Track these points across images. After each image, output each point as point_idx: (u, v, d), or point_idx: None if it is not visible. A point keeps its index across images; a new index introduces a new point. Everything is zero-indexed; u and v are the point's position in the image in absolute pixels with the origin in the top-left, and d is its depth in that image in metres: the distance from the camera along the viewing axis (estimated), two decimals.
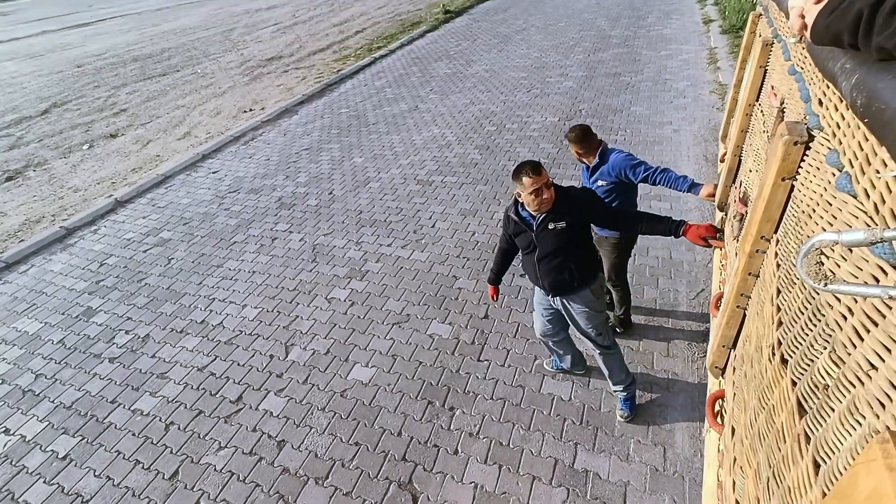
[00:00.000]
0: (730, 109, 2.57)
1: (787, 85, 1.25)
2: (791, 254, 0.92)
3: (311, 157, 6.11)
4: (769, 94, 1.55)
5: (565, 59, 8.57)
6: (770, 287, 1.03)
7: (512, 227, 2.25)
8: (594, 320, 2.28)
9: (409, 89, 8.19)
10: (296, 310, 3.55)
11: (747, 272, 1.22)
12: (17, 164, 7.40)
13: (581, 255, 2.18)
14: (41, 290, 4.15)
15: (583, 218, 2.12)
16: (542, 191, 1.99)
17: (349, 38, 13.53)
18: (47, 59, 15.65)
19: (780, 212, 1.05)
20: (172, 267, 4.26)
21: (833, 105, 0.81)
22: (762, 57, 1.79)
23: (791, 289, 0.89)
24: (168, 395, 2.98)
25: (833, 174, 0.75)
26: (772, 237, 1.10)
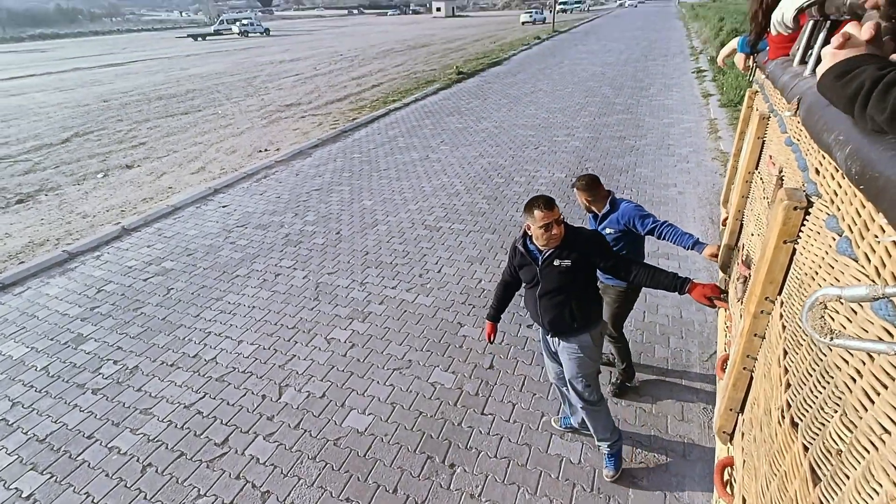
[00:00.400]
0: (730, 176, 2.67)
1: (784, 155, 1.30)
2: (796, 315, 0.93)
3: (321, 198, 6.19)
4: (768, 163, 1.60)
5: (572, 120, 8.95)
6: (777, 348, 1.03)
7: (518, 258, 2.23)
8: (585, 369, 2.20)
9: (421, 140, 8.47)
10: (293, 349, 3.42)
11: (753, 333, 1.22)
12: (30, 188, 7.50)
13: (584, 297, 2.15)
14: (33, 314, 4.04)
15: (590, 259, 2.10)
16: (552, 226, 1.99)
17: (366, 91, 14.22)
18: (76, 92, 16.36)
19: (783, 274, 1.07)
20: (171, 297, 4.17)
21: (829, 174, 0.84)
22: (760, 129, 1.86)
23: (798, 350, 0.88)
24: (150, 433, 2.79)
25: (833, 238, 0.77)
26: (776, 298, 1.11)
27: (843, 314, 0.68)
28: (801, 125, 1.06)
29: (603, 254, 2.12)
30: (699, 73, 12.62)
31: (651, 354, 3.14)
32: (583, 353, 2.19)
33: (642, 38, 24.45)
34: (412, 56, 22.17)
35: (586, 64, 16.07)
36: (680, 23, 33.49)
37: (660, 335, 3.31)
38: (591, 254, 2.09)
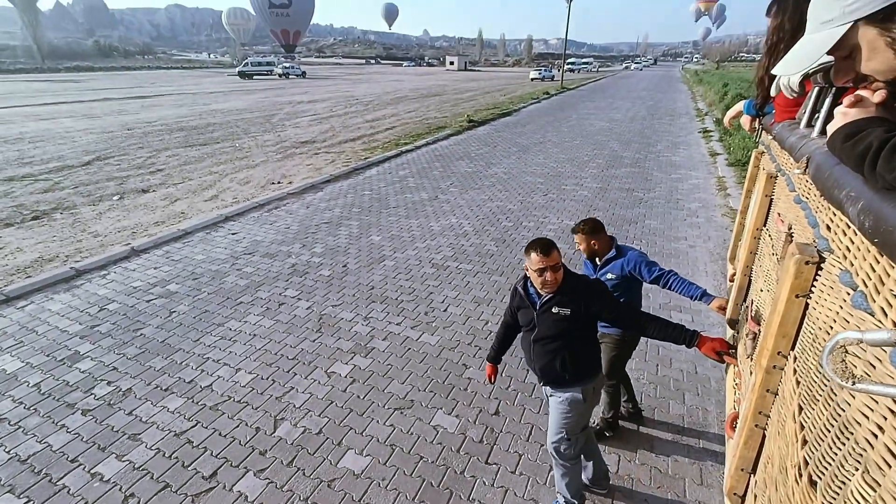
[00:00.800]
0: (737, 233, 2.67)
1: (793, 212, 1.32)
2: (811, 370, 0.91)
3: (329, 231, 6.25)
4: (776, 220, 1.61)
5: (580, 171, 9.16)
6: (791, 404, 1.01)
7: (517, 300, 2.18)
8: (570, 424, 2.09)
9: (431, 181, 8.66)
10: (292, 380, 3.32)
11: (765, 388, 1.19)
12: (46, 206, 7.62)
13: (580, 349, 2.06)
14: (32, 328, 3.97)
15: (591, 309, 2.01)
16: (547, 272, 1.93)
17: (379, 133, 14.72)
18: (102, 120, 17.02)
19: (795, 328, 1.06)
20: (172, 320, 4.12)
21: (841, 230, 0.85)
22: (767, 187, 1.88)
23: (815, 405, 0.86)
24: (136, 460, 2.66)
25: (848, 293, 0.76)
26: (789, 353, 1.10)
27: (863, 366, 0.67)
28: (810, 183, 1.09)
29: (606, 304, 2.05)
30: (705, 132, 13.05)
31: (665, 410, 3.02)
32: (571, 410, 2.07)
33: (648, 98, 25.52)
34: (425, 104, 23.13)
35: (594, 119, 16.69)
36: (684, 86, 35.07)
37: (674, 390, 3.20)
38: (592, 304, 2.01)
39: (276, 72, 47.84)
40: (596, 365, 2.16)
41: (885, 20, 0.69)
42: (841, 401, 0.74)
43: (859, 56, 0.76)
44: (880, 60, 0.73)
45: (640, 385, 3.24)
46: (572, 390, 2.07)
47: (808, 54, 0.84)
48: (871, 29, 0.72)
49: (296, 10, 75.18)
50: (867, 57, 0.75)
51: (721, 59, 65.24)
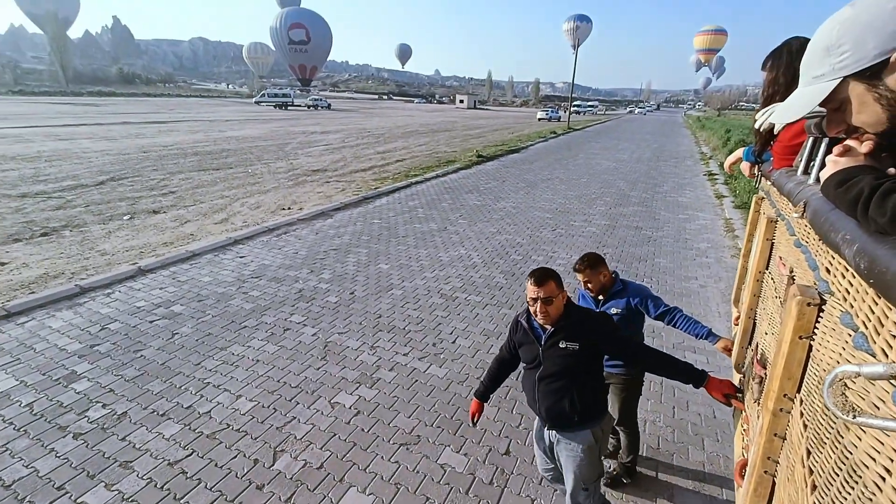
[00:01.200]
0: (740, 276, 2.70)
1: (794, 256, 1.35)
2: (818, 412, 0.92)
3: (338, 258, 6.21)
4: (778, 264, 1.63)
5: (588, 208, 9.20)
6: (799, 448, 1.00)
7: (519, 334, 2.05)
8: (584, 470, 1.95)
9: (440, 212, 8.70)
10: (294, 409, 3.19)
11: (772, 433, 1.19)
12: (56, 223, 7.67)
13: (588, 387, 1.95)
14: (31, 345, 3.88)
15: (599, 344, 1.93)
16: (539, 303, 1.86)
17: (389, 165, 14.98)
18: (120, 142, 17.45)
19: (800, 370, 1.07)
20: (174, 342, 4.02)
21: (840, 273, 0.87)
22: (768, 231, 1.91)
23: (822, 448, 0.86)
24: (125, 490, 2.51)
25: (849, 334, 0.78)
26: (795, 396, 1.10)
27: (871, 402, 0.68)
28: (809, 227, 1.12)
29: (613, 339, 1.96)
30: (710, 175, 13.20)
31: (685, 457, 2.86)
32: (584, 455, 1.95)
33: (652, 141, 26.05)
34: (435, 138, 23.68)
35: (600, 159, 16.97)
36: (687, 131, 35.87)
37: (693, 435, 3.04)
38: (600, 339, 1.92)
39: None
40: (603, 404, 2.05)
41: (872, 77, 0.74)
42: (848, 443, 0.73)
43: (849, 109, 0.81)
44: (868, 114, 0.78)
45: (656, 428, 3.09)
46: (582, 433, 1.95)
47: (800, 106, 0.89)
48: (859, 84, 0.77)
49: (314, 47, 78.54)
50: (857, 110, 0.80)
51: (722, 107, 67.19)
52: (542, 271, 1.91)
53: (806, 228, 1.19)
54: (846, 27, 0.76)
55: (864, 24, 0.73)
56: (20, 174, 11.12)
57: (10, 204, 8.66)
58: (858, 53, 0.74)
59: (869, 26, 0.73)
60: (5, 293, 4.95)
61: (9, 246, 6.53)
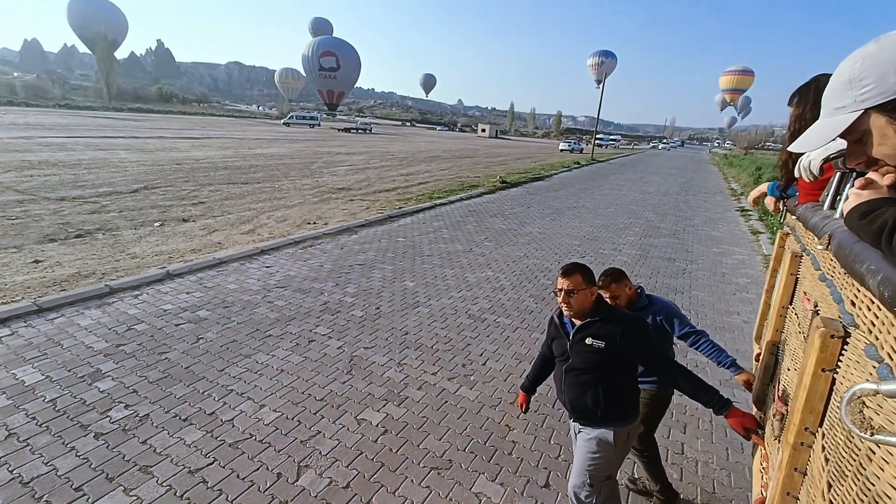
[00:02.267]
0: (762, 312, 2.69)
1: (819, 290, 1.35)
2: (840, 445, 0.90)
3: (363, 272, 6.15)
4: (802, 299, 1.62)
5: (617, 237, 9.01)
6: (820, 482, 0.99)
7: (552, 329, 2.12)
8: (595, 468, 1.94)
9: (465, 234, 8.63)
10: (319, 423, 3.04)
11: (792, 467, 1.16)
12: (91, 225, 7.84)
13: (615, 384, 1.93)
14: (58, 342, 3.86)
15: (625, 346, 1.88)
16: (562, 293, 1.90)
17: (413, 186, 15.11)
18: (155, 155, 18.08)
19: (822, 404, 1.05)
20: (199, 347, 3.95)
21: (866, 305, 0.87)
22: (792, 266, 1.91)
23: (843, 481, 0.85)
24: (144, 496, 2.38)
25: (874, 366, 0.77)
26: (817, 430, 1.08)
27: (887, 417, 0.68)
28: (833, 261, 1.12)
29: (643, 344, 1.91)
30: (743, 211, 12.90)
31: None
32: (598, 451, 1.93)
33: (679, 175, 25.82)
34: (458, 164, 23.93)
35: (626, 190, 16.82)
36: (714, 168, 35.54)
37: (750, 480, 2.78)
38: (628, 341, 1.87)
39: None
40: (633, 408, 2.01)
41: (894, 110, 0.76)
42: (871, 474, 0.72)
43: (870, 141, 0.82)
44: (889, 146, 0.79)
45: (710, 470, 2.84)
46: (603, 430, 1.94)
47: (822, 136, 0.90)
48: (881, 117, 0.78)
49: (342, 73, 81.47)
50: (878, 142, 0.81)
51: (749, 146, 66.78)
52: (572, 264, 1.96)
53: (831, 262, 1.20)
54: (869, 61, 0.77)
55: (888, 59, 0.75)
56: (61, 179, 11.54)
57: (48, 206, 8.93)
58: (881, 87, 0.76)
59: (892, 61, 0.74)
60: (38, 289, 4.99)
61: (44, 245, 6.67)
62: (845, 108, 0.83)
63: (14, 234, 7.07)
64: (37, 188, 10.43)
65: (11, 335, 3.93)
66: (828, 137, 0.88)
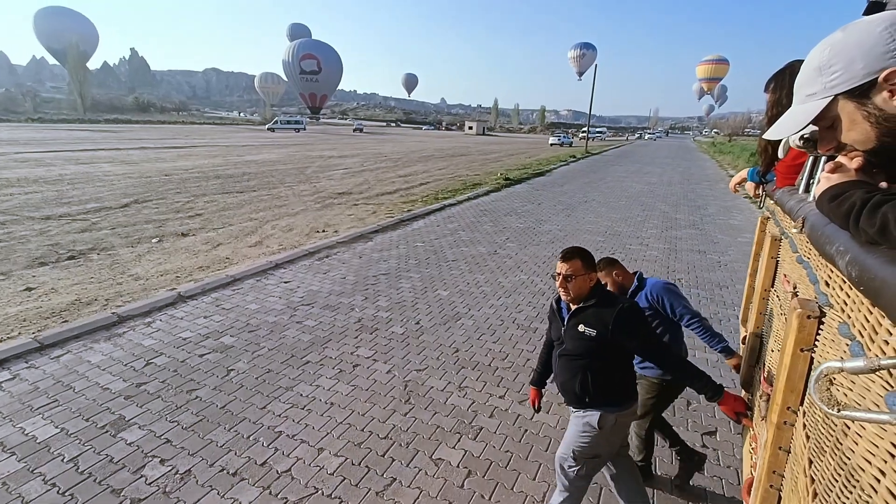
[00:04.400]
0: (747, 295, 2.75)
1: (797, 272, 1.37)
2: (819, 422, 0.92)
3: (390, 283, 5.72)
4: (783, 281, 1.64)
5: (639, 231, 8.72)
6: (802, 459, 1.01)
7: (551, 314, 2.14)
8: (579, 448, 1.97)
9: (484, 235, 8.24)
10: (392, 469, 2.63)
11: (777, 446, 1.19)
12: (83, 245, 7.28)
13: (604, 373, 1.92)
14: (69, 384, 3.37)
15: (617, 334, 1.85)
16: (561, 279, 1.91)
17: (414, 188, 14.68)
18: (140, 166, 17.33)
19: (802, 383, 1.08)
20: (231, 380, 3.50)
21: (838, 285, 0.90)
22: (773, 250, 1.93)
23: (822, 456, 0.86)
24: None
25: (847, 343, 0.79)
26: (798, 409, 1.10)
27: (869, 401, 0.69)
28: (808, 243, 1.14)
29: (633, 332, 1.88)
30: (752, 199, 12.71)
31: None
32: (584, 433, 1.96)
33: (675, 165, 25.79)
34: (453, 162, 23.54)
35: (630, 182, 16.61)
36: (705, 155, 35.70)
37: None
38: (617, 329, 1.85)
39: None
40: (624, 395, 2.00)
41: (861, 96, 0.79)
42: (846, 448, 0.75)
43: (840, 127, 0.85)
44: (858, 131, 0.82)
45: None
46: (588, 414, 1.96)
47: (795, 123, 0.92)
48: (849, 103, 0.81)
49: (324, 76, 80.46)
50: (847, 128, 0.84)
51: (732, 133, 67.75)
52: (572, 248, 1.96)
53: (806, 244, 1.23)
54: (837, 48, 0.80)
55: (854, 46, 0.77)
56: (43, 196, 10.85)
57: (33, 226, 8.31)
58: (849, 73, 0.78)
59: (858, 47, 0.77)
60: (35, 322, 4.48)
61: (34, 270, 6.11)
62: (816, 94, 0.85)
63: (0, 258, 6.49)
64: (18, 207, 9.77)
65: (13, 379, 3.43)
66: (800, 124, 0.89)
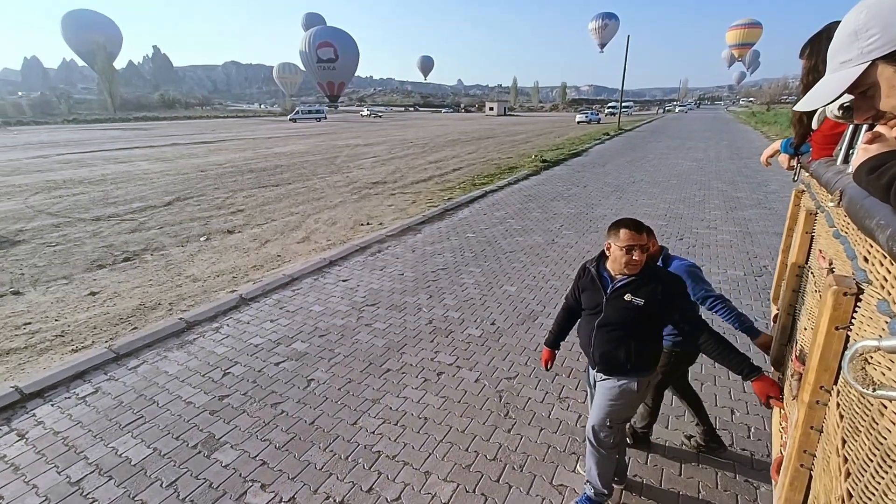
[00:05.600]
0: (779, 272, 2.67)
1: (833, 248, 1.32)
2: (853, 402, 0.89)
3: (451, 279, 5.47)
4: (818, 257, 1.57)
5: (701, 213, 8.17)
6: (835, 439, 0.98)
7: (586, 280, 2.08)
8: (615, 412, 2.04)
9: (536, 223, 7.87)
10: (511, 496, 2.39)
11: (808, 425, 1.15)
12: (136, 246, 7.29)
13: (646, 339, 1.99)
14: (152, 398, 3.27)
15: (665, 305, 1.91)
16: (635, 250, 1.86)
17: (448, 174, 14.33)
18: (175, 163, 17.53)
19: (837, 362, 1.04)
20: (314, 392, 3.32)
21: (878, 261, 0.86)
22: (807, 224, 1.87)
23: (857, 436, 0.85)
24: None
25: (886, 321, 0.76)
26: (832, 388, 1.07)
27: None
28: (846, 217, 1.09)
29: (679, 305, 1.94)
30: None
31: None
32: (622, 397, 2.02)
33: (717, 138, 24.49)
34: (481, 146, 22.99)
35: (675, 159, 15.78)
36: (746, 127, 33.84)
37: None
38: (667, 300, 1.90)
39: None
40: (657, 359, 2.08)
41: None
42: (882, 428, 0.73)
43: (878, 94, 0.80)
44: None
45: None
46: (629, 379, 2.00)
47: (828, 92, 0.86)
48: (888, 68, 0.76)
49: (341, 64, 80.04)
50: (886, 94, 0.79)
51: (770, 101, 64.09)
52: (636, 220, 1.92)
53: (844, 218, 1.17)
54: (874, 11, 0.75)
55: (891, 8, 0.73)
56: (90, 197, 11.04)
57: (86, 228, 8.41)
58: (887, 36, 0.74)
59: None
60: (105, 329, 4.43)
61: (94, 273, 6.13)
62: (851, 61, 0.81)
63: (59, 262, 6.55)
64: (69, 209, 9.94)
65: (95, 393, 3.35)
66: (835, 93, 0.84)
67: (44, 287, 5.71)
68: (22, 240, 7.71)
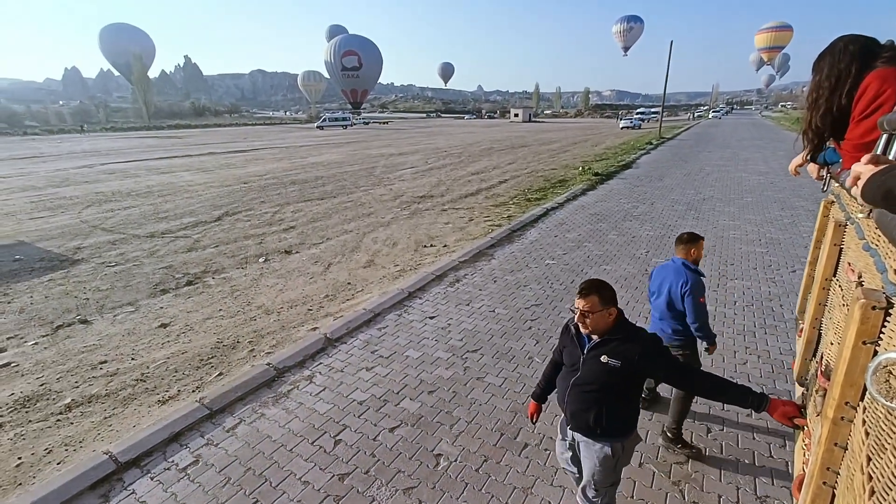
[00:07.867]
0: (805, 285, 2.54)
1: (863, 261, 1.29)
2: (880, 419, 0.85)
3: (551, 318, 4.93)
4: (846, 270, 1.52)
5: (798, 237, 7.43)
6: (860, 456, 0.94)
7: (567, 337, 2.06)
8: (598, 477, 2.00)
9: (618, 248, 7.27)
10: None
11: (832, 442, 1.10)
12: (195, 268, 7.00)
13: (619, 404, 1.93)
14: (262, 473, 2.82)
15: (644, 366, 1.85)
16: (580, 315, 1.86)
17: (495, 187, 13.84)
18: (216, 173, 17.53)
19: (863, 377, 0.99)
20: (448, 475, 2.82)
21: None
22: (836, 236, 1.82)
23: (883, 453, 0.82)
24: None
25: None
26: (858, 404, 1.03)
27: None
28: (877, 229, 1.08)
29: (658, 363, 1.89)
30: None
31: None
32: (599, 464, 1.97)
33: (769, 146, 23.35)
34: (518, 155, 22.44)
35: (736, 172, 14.88)
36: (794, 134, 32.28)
37: None
38: (645, 362, 1.84)
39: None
40: (630, 424, 2.00)
41: None
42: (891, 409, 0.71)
43: None
44: None
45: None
46: (602, 444, 1.97)
47: None
48: None
49: (365, 71, 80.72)
50: None
51: None
52: (589, 283, 1.90)
53: (875, 230, 1.17)
54: None
55: None
56: (141, 212, 10.93)
57: (141, 245, 8.20)
58: None
59: None
60: (188, 372, 4.06)
61: (159, 298, 5.83)
62: None
63: (122, 286, 6.29)
64: (122, 224, 9.82)
65: (196, 464, 2.93)
66: None
67: (111, 315, 5.42)
68: (81, 258, 7.53)
